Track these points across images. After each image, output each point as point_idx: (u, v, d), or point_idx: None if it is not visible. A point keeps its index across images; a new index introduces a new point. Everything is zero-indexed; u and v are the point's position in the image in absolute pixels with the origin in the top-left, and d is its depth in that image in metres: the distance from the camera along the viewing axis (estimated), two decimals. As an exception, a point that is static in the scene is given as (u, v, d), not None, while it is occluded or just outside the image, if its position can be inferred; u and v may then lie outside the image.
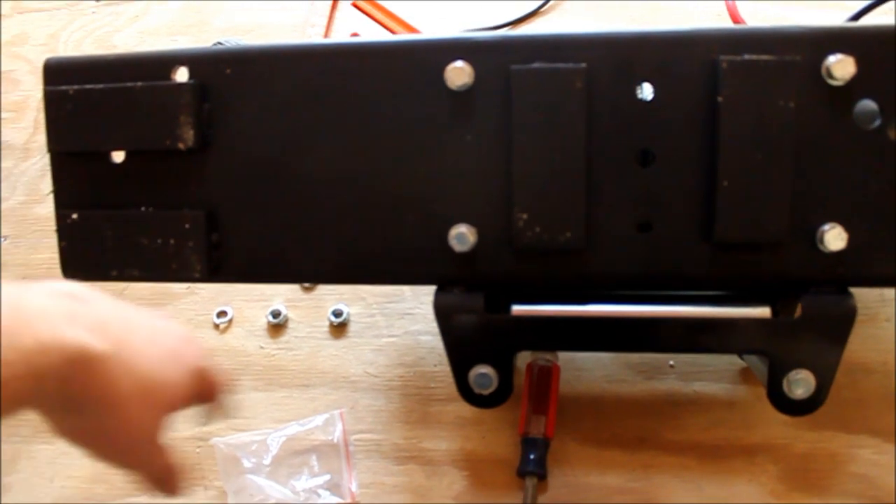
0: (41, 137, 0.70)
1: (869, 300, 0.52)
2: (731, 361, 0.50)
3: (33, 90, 0.74)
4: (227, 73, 0.42)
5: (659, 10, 0.68)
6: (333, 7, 0.74)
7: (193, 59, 0.42)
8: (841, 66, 0.38)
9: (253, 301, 0.57)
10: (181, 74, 0.42)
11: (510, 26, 0.70)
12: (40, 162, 0.69)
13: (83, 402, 0.27)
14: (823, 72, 0.38)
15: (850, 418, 0.48)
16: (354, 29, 0.72)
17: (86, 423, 0.29)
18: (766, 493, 0.46)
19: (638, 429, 0.49)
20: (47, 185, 0.68)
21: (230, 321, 0.56)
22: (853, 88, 0.38)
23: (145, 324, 0.33)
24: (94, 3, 0.81)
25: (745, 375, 0.49)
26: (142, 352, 0.30)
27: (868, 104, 0.38)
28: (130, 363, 0.29)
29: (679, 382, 0.50)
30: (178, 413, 0.35)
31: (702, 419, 0.48)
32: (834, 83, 0.38)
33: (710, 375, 0.50)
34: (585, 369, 0.50)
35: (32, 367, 0.24)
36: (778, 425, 0.48)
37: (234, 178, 0.42)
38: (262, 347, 0.55)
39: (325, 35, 0.73)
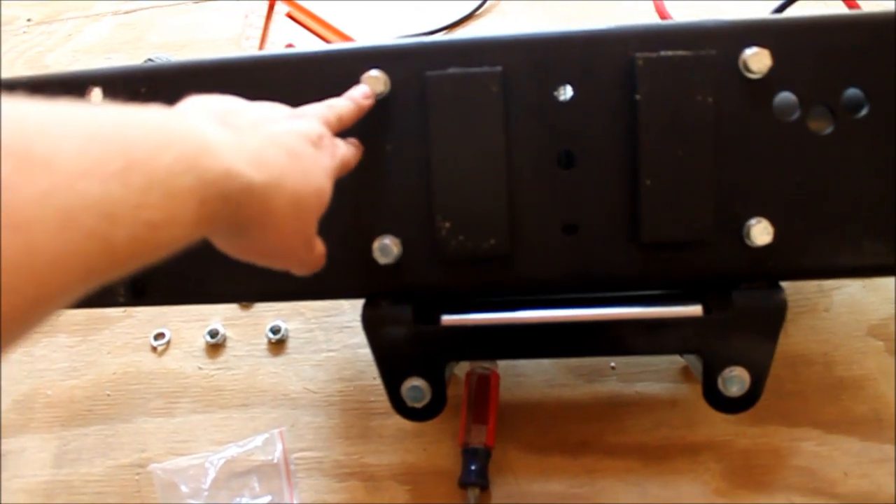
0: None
1: (808, 291, 0.52)
2: (673, 360, 0.49)
3: (-36, 114, 0.73)
4: (142, 91, 0.41)
5: (595, 9, 0.68)
6: (268, 19, 0.73)
7: (107, 79, 0.41)
8: (757, 59, 0.37)
9: (191, 321, 0.56)
10: (95, 96, 0.41)
11: (448, 29, 0.70)
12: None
13: (247, 224, 0.30)
14: (741, 65, 0.38)
15: (792, 411, 0.48)
16: (289, 40, 0.71)
17: (250, 243, 0.31)
18: (710, 491, 0.46)
19: (580, 433, 0.48)
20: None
21: (168, 343, 0.55)
22: (771, 81, 0.38)
23: (290, 144, 0.33)
24: (25, 22, 0.79)
25: (687, 374, 0.49)
26: (292, 176, 0.31)
27: (787, 96, 0.38)
28: (284, 189, 0.30)
29: (621, 384, 0.49)
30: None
31: (644, 420, 0.48)
32: (752, 76, 0.38)
33: (652, 375, 0.49)
34: (526, 375, 0.50)
35: (222, 191, 0.26)
36: (720, 422, 0.47)
37: None
38: (200, 368, 0.54)
39: (260, 48, 0.72)
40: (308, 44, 0.68)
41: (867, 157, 0.38)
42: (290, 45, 0.70)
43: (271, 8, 0.73)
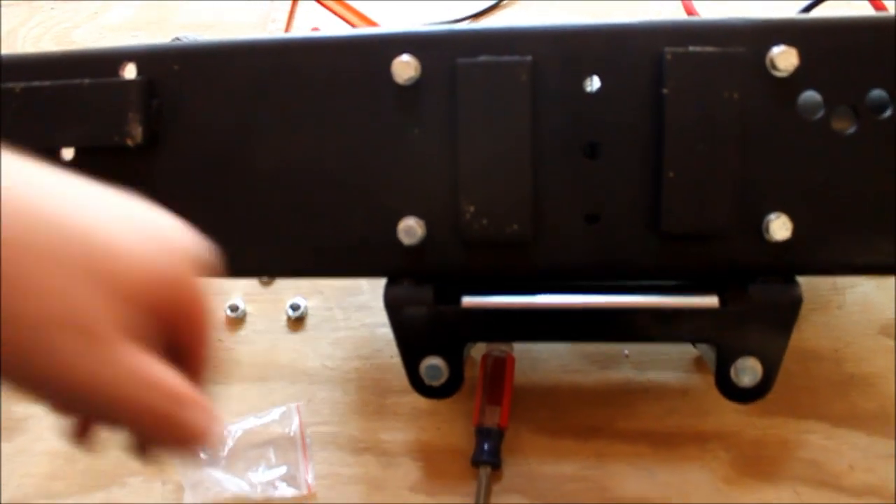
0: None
1: (822, 288, 0.53)
2: (685, 350, 0.50)
3: (-9, 85, 0.74)
4: (176, 69, 0.42)
5: (620, 7, 0.69)
6: (294, 2, 0.74)
7: (141, 56, 0.42)
8: (784, 58, 0.38)
9: (211, 295, 0.57)
10: (129, 71, 0.42)
11: (472, 18, 0.71)
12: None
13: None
14: (767, 63, 0.38)
15: (801, 404, 0.49)
16: (315, 24, 0.72)
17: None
18: (717, 479, 0.47)
19: (592, 418, 0.49)
20: None
21: (188, 316, 0.57)
22: (797, 80, 0.39)
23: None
24: (54, -1, 0.81)
25: (699, 364, 0.50)
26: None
27: (812, 95, 0.39)
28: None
29: (633, 372, 0.50)
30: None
31: (655, 407, 0.49)
32: (778, 74, 0.38)
33: (665, 364, 0.50)
34: (541, 359, 0.51)
35: None
36: (730, 413, 0.48)
37: (184, 174, 0.42)
38: (220, 341, 0.55)
39: (286, 31, 0.73)
40: (336, 28, 0.69)
41: (889, 157, 0.39)
42: (315, 29, 0.71)
43: (298, -10, 0.74)
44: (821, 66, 0.39)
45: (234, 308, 0.56)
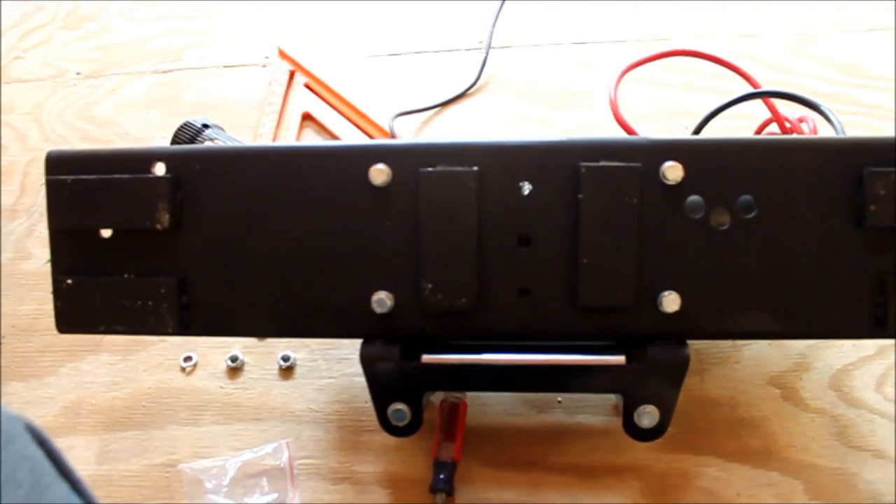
0: (27, 199, 0.80)
1: (723, 346, 0.63)
2: (608, 398, 0.60)
3: (19, 156, 0.83)
4: (197, 168, 0.51)
5: (569, 94, 0.81)
6: (288, 88, 0.84)
7: (170, 157, 0.51)
8: (672, 171, 0.49)
9: (215, 348, 0.67)
10: (159, 168, 0.51)
11: (442, 106, 0.81)
12: (27, 222, 0.78)
13: None
14: (660, 175, 0.48)
15: (700, 443, 0.59)
16: (306, 108, 0.82)
17: None
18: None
19: (530, 453, 0.59)
20: (33, 243, 0.77)
21: (195, 365, 0.66)
22: (684, 187, 0.48)
23: None
24: (74, 76, 0.90)
25: (617, 409, 0.60)
26: None
27: (696, 199, 0.49)
28: None
29: (565, 415, 0.60)
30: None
31: (582, 445, 0.59)
32: (668, 183, 0.48)
33: (591, 409, 0.60)
34: (489, 404, 0.61)
35: None
36: (642, 450, 0.58)
37: (202, 252, 0.51)
38: (221, 387, 0.65)
39: (281, 110, 0.83)
40: (325, 136, 0.80)
41: (755, 247, 0.49)
42: (306, 113, 0.81)
43: (291, 78, 0.85)
44: (702, 176, 0.49)
45: (234, 359, 0.65)
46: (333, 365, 0.65)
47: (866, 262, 0.49)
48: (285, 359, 0.65)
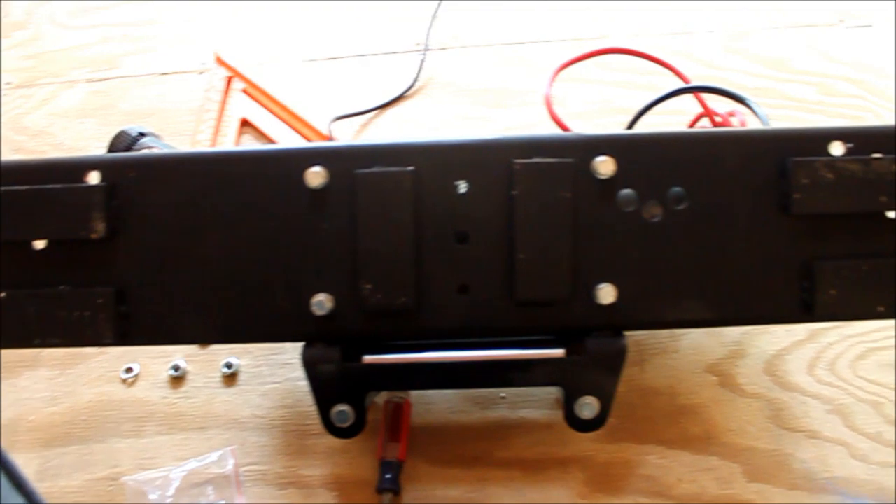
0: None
1: (661, 336, 0.64)
2: (550, 392, 0.61)
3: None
4: (132, 175, 0.50)
5: (506, 93, 0.82)
6: (225, 94, 0.84)
7: (103, 165, 0.51)
8: (604, 165, 0.50)
9: (156, 358, 0.66)
10: (93, 177, 0.50)
11: (381, 109, 0.82)
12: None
13: None
14: (592, 169, 0.49)
15: (642, 431, 0.60)
16: (244, 114, 0.82)
17: None
18: (574, 495, 0.57)
19: (475, 450, 0.59)
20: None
21: (136, 376, 0.65)
22: (616, 181, 0.49)
23: None
24: (5, 86, 0.88)
25: (560, 403, 0.60)
26: None
27: (628, 192, 0.50)
28: None
29: (508, 410, 0.61)
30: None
31: (526, 439, 0.59)
32: (600, 177, 0.49)
33: (534, 404, 0.61)
34: (433, 403, 0.61)
35: None
36: (586, 441, 0.59)
37: (139, 260, 0.51)
38: (164, 397, 0.64)
39: (219, 117, 0.82)
40: (260, 143, 0.79)
41: (686, 238, 0.50)
42: (244, 119, 0.81)
43: (229, 84, 0.84)
44: (634, 169, 0.50)
45: (176, 368, 0.65)
46: (277, 370, 0.64)
47: (793, 249, 0.50)
48: (228, 366, 0.64)
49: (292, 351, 0.65)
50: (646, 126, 0.68)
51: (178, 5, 0.93)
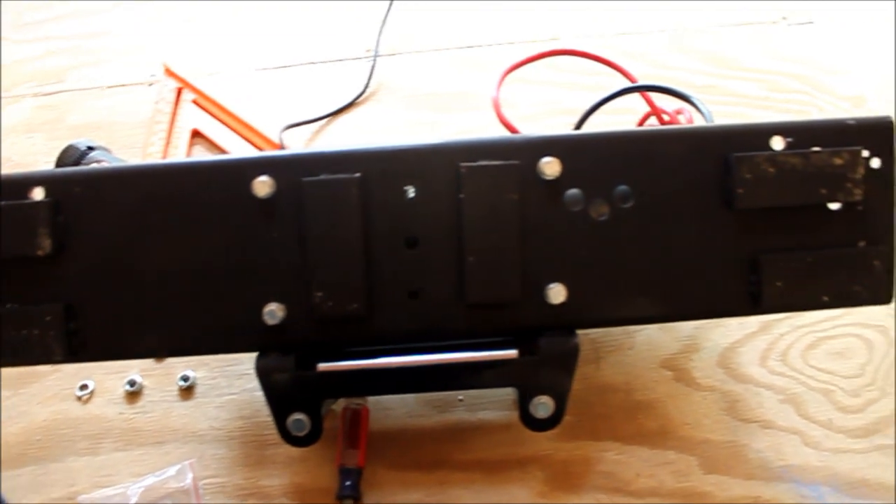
0: None
1: (616, 333, 0.65)
2: (508, 393, 0.61)
3: None
4: (77, 191, 0.50)
5: (458, 97, 0.82)
6: (175, 106, 0.83)
7: (48, 181, 0.50)
8: (550, 166, 0.50)
9: (111, 374, 0.65)
10: (37, 193, 0.50)
11: (332, 116, 0.82)
12: None
13: None
14: (538, 170, 0.50)
15: (599, 428, 0.60)
16: (195, 125, 0.81)
17: None
18: (535, 494, 0.58)
19: (434, 453, 0.59)
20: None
21: (91, 393, 0.64)
22: (562, 181, 0.50)
23: None
24: (-50, 102, 0.87)
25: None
26: None
27: (575, 192, 0.51)
28: None
29: (467, 413, 0.61)
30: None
31: (485, 441, 0.60)
32: (547, 178, 0.50)
33: (492, 405, 0.61)
34: (391, 408, 0.61)
35: None
36: (544, 440, 0.60)
37: (88, 276, 0.50)
38: (120, 413, 0.63)
39: (170, 128, 0.81)
40: (215, 153, 0.79)
41: (634, 235, 0.51)
42: (195, 130, 0.81)
43: (178, 95, 0.84)
44: (580, 169, 0.50)
45: (132, 383, 0.64)
46: (234, 381, 0.64)
47: (739, 243, 0.51)
48: (184, 379, 0.64)
49: (249, 361, 0.64)
50: (595, 126, 0.69)
51: (125, 17, 0.92)
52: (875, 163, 0.51)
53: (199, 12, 0.92)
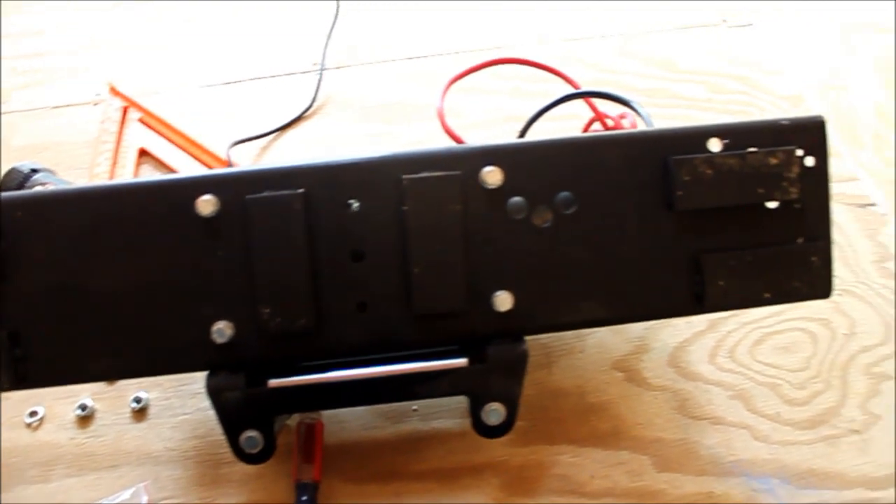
0: None
1: (567, 338, 0.66)
2: (461, 401, 0.61)
3: None
4: (19, 215, 0.49)
5: (406, 109, 0.82)
6: (122, 125, 0.82)
7: None
8: (492, 175, 0.51)
9: (62, 399, 0.64)
10: None
11: (280, 131, 0.82)
12: None
13: None
14: (480, 180, 0.50)
15: (553, 432, 0.61)
16: (142, 143, 0.81)
17: None
18: (490, 500, 0.58)
19: (390, 465, 0.59)
20: None
21: (42, 419, 0.64)
22: (504, 189, 0.51)
23: None
24: None
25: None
26: None
27: (517, 200, 0.51)
28: None
29: (421, 423, 0.61)
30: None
31: (440, 450, 0.60)
32: (489, 187, 0.50)
33: (446, 414, 0.62)
34: (345, 421, 0.61)
35: None
36: (499, 446, 0.60)
37: (32, 301, 0.49)
38: (72, 438, 0.63)
39: (116, 148, 0.81)
40: (163, 171, 0.79)
41: (578, 240, 0.51)
42: (142, 149, 0.80)
43: (124, 114, 0.83)
44: (521, 177, 0.51)
45: (83, 407, 0.63)
46: (187, 401, 0.64)
47: (681, 244, 0.52)
48: (137, 400, 0.63)
49: (202, 381, 0.63)
50: (541, 132, 0.70)
51: (69, 37, 0.92)
52: (809, 161, 0.52)
53: (144, 31, 0.92)
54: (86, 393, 0.64)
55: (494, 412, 0.52)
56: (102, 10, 0.95)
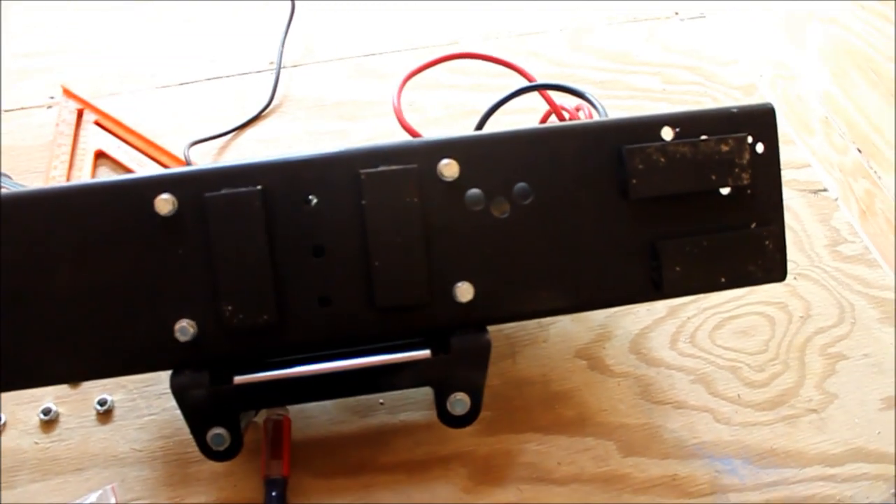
0: None
1: (530, 328, 0.67)
2: (427, 393, 0.62)
3: None
4: None
5: (364, 105, 0.83)
6: (77, 127, 0.81)
7: None
8: (448, 168, 0.51)
9: (24, 404, 0.63)
10: None
11: (238, 130, 0.81)
12: None
13: None
14: (437, 173, 0.51)
15: (519, 421, 0.62)
16: (98, 146, 0.80)
17: None
18: (458, 490, 0.59)
19: (358, 458, 0.60)
20: None
21: (3, 424, 0.63)
22: (462, 182, 0.51)
23: None
24: None
25: (437, 402, 0.62)
26: None
27: (475, 192, 0.52)
28: None
29: (388, 416, 0.62)
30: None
31: (407, 442, 0.60)
32: (446, 180, 0.51)
33: (413, 406, 0.62)
34: (313, 416, 0.62)
35: None
36: (465, 436, 0.61)
37: None
38: (36, 443, 0.62)
39: (72, 151, 0.80)
40: (121, 173, 0.78)
41: (536, 231, 0.52)
42: (99, 151, 0.79)
43: (80, 116, 0.82)
44: (478, 169, 0.51)
45: (46, 412, 0.63)
46: (153, 401, 0.63)
47: (637, 231, 0.53)
48: (102, 403, 0.63)
49: (167, 381, 0.63)
50: (498, 125, 0.70)
51: (20, 40, 0.90)
52: (760, 147, 0.54)
53: (97, 33, 0.91)
54: (49, 397, 0.64)
55: (459, 402, 0.52)
56: (54, 11, 0.93)
